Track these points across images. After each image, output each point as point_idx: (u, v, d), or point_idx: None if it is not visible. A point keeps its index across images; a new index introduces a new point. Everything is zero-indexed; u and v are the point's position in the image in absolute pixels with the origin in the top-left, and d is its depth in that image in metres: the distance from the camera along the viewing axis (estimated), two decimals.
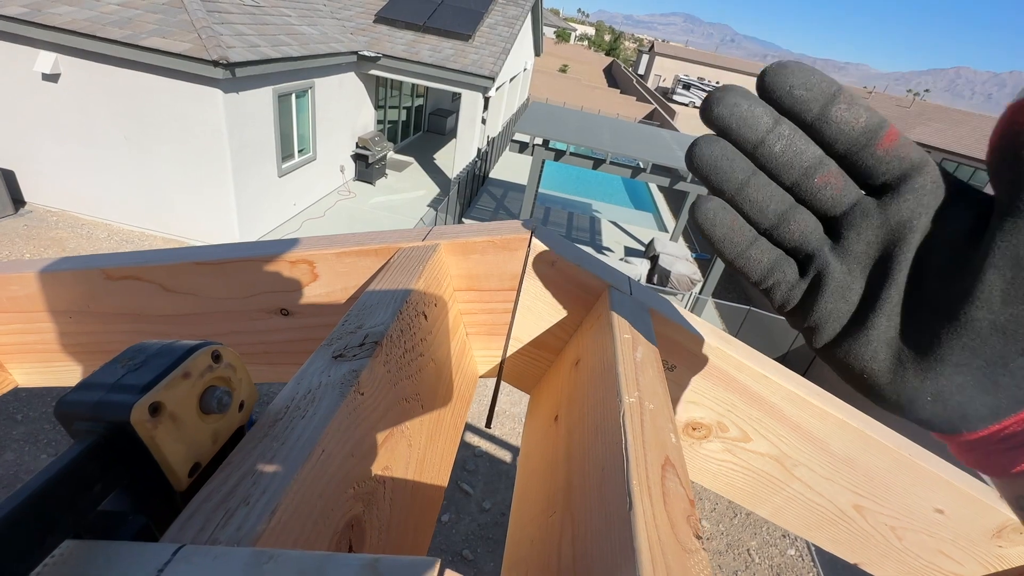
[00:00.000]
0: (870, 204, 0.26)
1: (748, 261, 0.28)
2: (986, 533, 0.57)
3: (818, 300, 0.27)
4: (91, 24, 5.74)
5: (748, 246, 0.28)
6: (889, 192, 0.25)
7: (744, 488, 0.59)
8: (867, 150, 0.25)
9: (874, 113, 0.25)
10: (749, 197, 0.27)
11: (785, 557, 4.69)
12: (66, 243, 6.62)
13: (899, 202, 0.25)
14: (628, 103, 31.33)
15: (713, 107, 0.26)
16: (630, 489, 0.28)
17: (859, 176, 0.26)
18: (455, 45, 9.63)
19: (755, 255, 0.28)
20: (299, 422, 0.28)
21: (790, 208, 0.27)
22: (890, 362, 0.25)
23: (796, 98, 0.25)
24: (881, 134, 0.25)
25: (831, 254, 0.27)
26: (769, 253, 0.28)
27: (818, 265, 0.27)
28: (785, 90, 0.25)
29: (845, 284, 0.26)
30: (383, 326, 0.37)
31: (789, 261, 0.28)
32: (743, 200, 0.27)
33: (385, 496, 0.34)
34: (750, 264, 0.28)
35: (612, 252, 10.36)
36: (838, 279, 0.26)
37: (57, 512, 0.20)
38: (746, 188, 0.27)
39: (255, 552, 0.19)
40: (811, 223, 0.27)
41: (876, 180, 0.26)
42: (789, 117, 0.26)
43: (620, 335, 0.42)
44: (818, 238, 0.27)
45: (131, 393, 0.22)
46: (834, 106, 0.25)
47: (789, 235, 0.27)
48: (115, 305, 0.57)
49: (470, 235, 0.51)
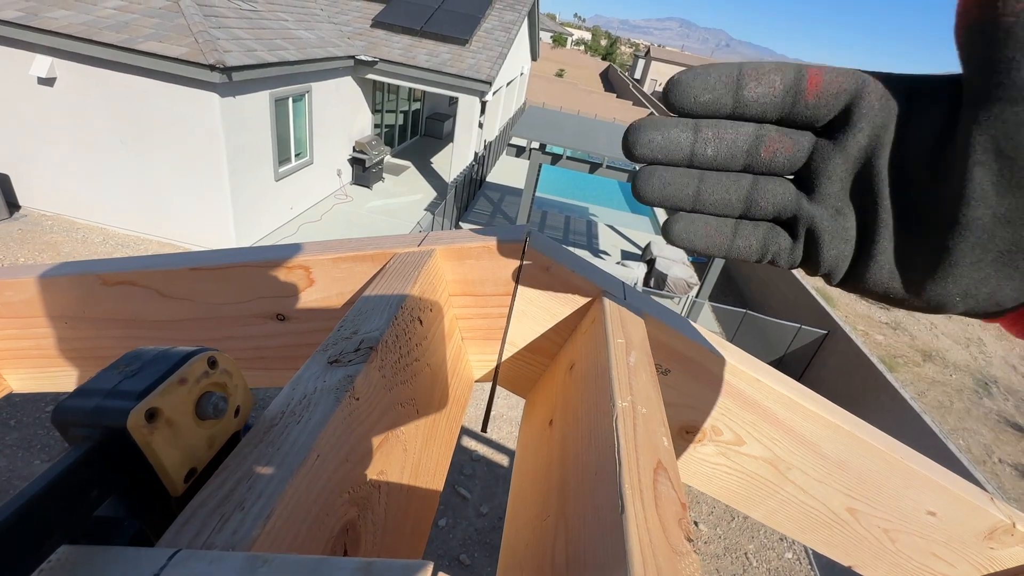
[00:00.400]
0: (826, 145, 0.25)
1: (739, 251, 0.28)
2: (978, 535, 0.58)
3: (820, 251, 0.27)
4: (87, 28, 5.74)
5: (732, 240, 0.28)
6: (839, 127, 0.25)
7: (738, 491, 0.60)
8: (798, 106, 0.25)
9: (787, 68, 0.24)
10: (708, 201, 0.27)
11: (783, 560, 4.69)
12: (61, 247, 6.59)
13: (852, 133, 0.24)
14: (624, 107, 31.50)
15: (633, 150, 0.26)
16: (622, 493, 0.28)
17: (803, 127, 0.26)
18: (452, 50, 9.66)
19: (743, 244, 0.28)
20: (294, 427, 0.28)
21: (751, 187, 0.27)
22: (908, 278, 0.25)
23: (704, 104, 0.25)
24: (803, 85, 0.24)
25: (811, 207, 0.26)
26: (755, 234, 0.28)
27: (805, 222, 0.27)
28: (691, 102, 0.25)
29: (838, 226, 0.26)
30: (378, 331, 0.37)
31: (777, 230, 0.28)
32: (704, 206, 0.27)
33: (380, 500, 0.35)
34: (742, 253, 0.28)
35: (609, 255, 10.38)
36: (829, 226, 0.26)
37: (54, 517, 0.20)
38: (701, 196, 0.27)
39: (250, 556, 0.20)
40: (779, 189, 0.27)
41: (821, 123, 0.25)
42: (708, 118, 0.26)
43: (614, 340, 0.42)
44: (793, 198, 0.27)
45: (128, 399, 0.22)
46: (744, 89, 0.24)
47: (763, 211, 0.27)
48: (110, 310, 0.57)
49: (465, 241, 0.51)
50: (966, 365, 10.05)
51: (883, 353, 9.57)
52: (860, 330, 10.09)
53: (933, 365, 9.82)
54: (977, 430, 8.16)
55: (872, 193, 0.25)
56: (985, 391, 9.30)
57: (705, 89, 0.24)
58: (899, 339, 10.48)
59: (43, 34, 5.73)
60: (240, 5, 7.26)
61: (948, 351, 10.42)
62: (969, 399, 8.97)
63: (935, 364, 9.86)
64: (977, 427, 8.24)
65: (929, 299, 0.25)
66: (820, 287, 9.40)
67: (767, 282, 9.96)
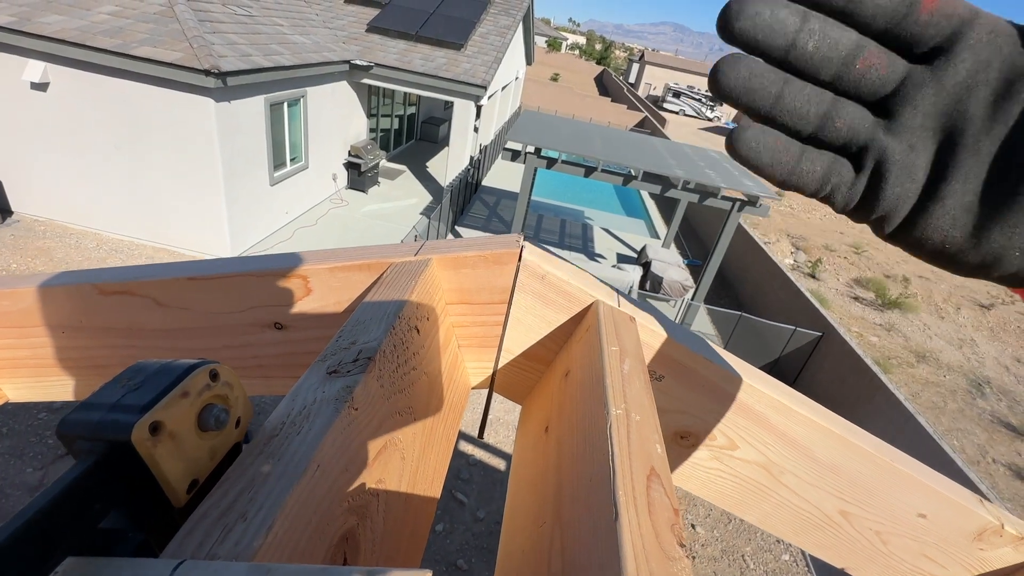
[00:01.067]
0: (922, 73, 0.24)
1: (801, 176, 0.26)
2: (968, 537, 0.59)
3: (883, 187, 0.25)
4: (81, 33, 5.73)
5: (797, 162, 0.26)
6: (941, 56, 0.23)
7: (732, 495, 0.60)
8: (910, 18, 0.23)
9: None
10: (786, 108, 0.25)
11: (779, 563, 4.70)
12: (54, 253, 6.55)
13: (955, 63, 0.23)
14: (619, 111, 31.66)
15: (733, 21, 0.23)
16: (616, 499, 0.29)
17: (904, 47, 0.24)
18: (447, 54, 9.70)
19: (807, 168, 0.26)
20: (295, 438, 0.29)
21: (831, 105, 0.25)
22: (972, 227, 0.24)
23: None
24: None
25: (887, 137, 0.25)
26: (820, 160, 0.26)
27: (875, 153, 0.25)
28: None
29: (909, 162, 0.25)
30: (376, 342, 0.38)
31: (842, 161, 0.26)
32: (780, 113, 0.25)
33: (379, 509, 0.35)
34: (804, 179, 0.26)
35: (605, 259, 10.41)
36: (900, 160, 0.25)
37: (59, 530, 0.21)
38: (781, 100, 0.25)
39: (253, 567, 0.20)
40: (857, 113, 0.25)
41: (924, 47, 0.24)
42: (816, 8, 0.23)
43: (608, 347, 0.43)
44: (868, 126, 0.25)
45: (132, 413, 0.23)
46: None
47: (836, 133, 0.25)
48: (108, 320, 0.57)
49: (461, 250, 0.52)
50: (959, 366, 10.13)
51: (877, 355, 9.64)
52: (854, 332, 10.16)
53: (927, 366, 9.89)
54: (971, 430, 8.22)
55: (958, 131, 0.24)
56: (978, 392, 9.37)
57: None
58: (893, 340, 10.56)
59: (36, 39, 5.71)
60: (235, 10, 7.26)
61: (941, 352, 10.51)
62: (963, 400, 9.04)
63: (929, 365, 9.93)
64: (971, 427, 8.30)
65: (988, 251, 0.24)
66: (814, 289, 9.46)
67: (761, 285, 10.02)
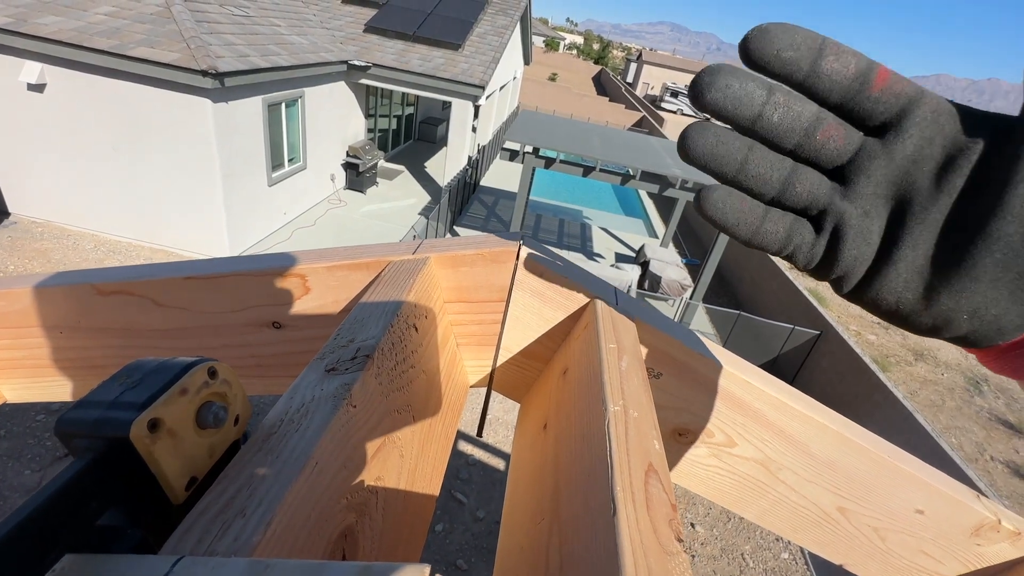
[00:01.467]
0: (874, 145, 0.26)
1: (765, 236, 0.28)
2: (965, 532, 0.59)
3: (841, 250, 0.27)
4: (78, 34, 5.71)
5: (761, 223, 0.27)
6: (891, 130, 0.25)
7: (731, 492, 0.60)
8: (862, 94, 0.25)
9: (861, 56, 0.25)
10: (751, 173, 0.27)
11: (779, 561, 4.71)
12: (51, 254, 6.53)
13: (903, 138, 0.25)
14: (617, 111, 31.67)
15: (705, 92, 0.25)
16: (614, 495, 0.29)
17: (857, 120, 0.26)
18: (445, 54, 9.69)
19: (770, 228, 0.28)
20: (293, 435, 0.29)
21: (792, 171, 0.27)
22: (923, 290, 0.25)
23: (785, 60, 0.25)
24: (872, 76, 0.25)
25: (844, 202, 0.26)
26: (783, 222, 0.28)
27: (833, 217, 0.27)
28: (772, 54, 0.24)
29: (864, 227, 0.26)
30: (374, 339, 0.38)
31: (803, 222, 0.28)
32: (745, 178, 0.27)
33: (377, 506, 0.35)
34: (767, 239, 0.28)
35: (603, 258, 10.42)
36: (856, 224, 0.26)
37: (58, 527, 0.21)
38: (746, 166, 0.26)
39: (252, 562, 0.20)
40: (815, 179, 0.27)
41: (875, 121, 0.26)
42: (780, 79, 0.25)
43: (606, 345, 0.43)
44: (827, 192, 0.27)
45: (130, 410, 0.23)
46: (823, 60, 0.25)
47: (797, 198, 0.27)
48: (106, 320, 0.57)
49: (460, 248, 0.52)
50: (957, 364, 10.16)
51: (875, 353, 9.65)
52: (852, 330, 10.18)
53: (925, 364, 9.91)
54: (969, 428, 8.24)
55: (907, 200, 0.25)
56: (976, 389, 9.39)
57: (791, 46, 0.24)
58: (891, 339, 10.58)
59: (33, 40, 5.69)
60: (232, 11, 7.25)
61: (939, 350, 10.53)
62: (961, 397, 9.06)
63: (927, 363, 9.95)
64: (969, 425, 8.32)
65: (939, 313, 0.25)
66: (812, 287, 9.47)
67: (760, 284, 10.03)
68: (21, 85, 6.08)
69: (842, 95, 0.25)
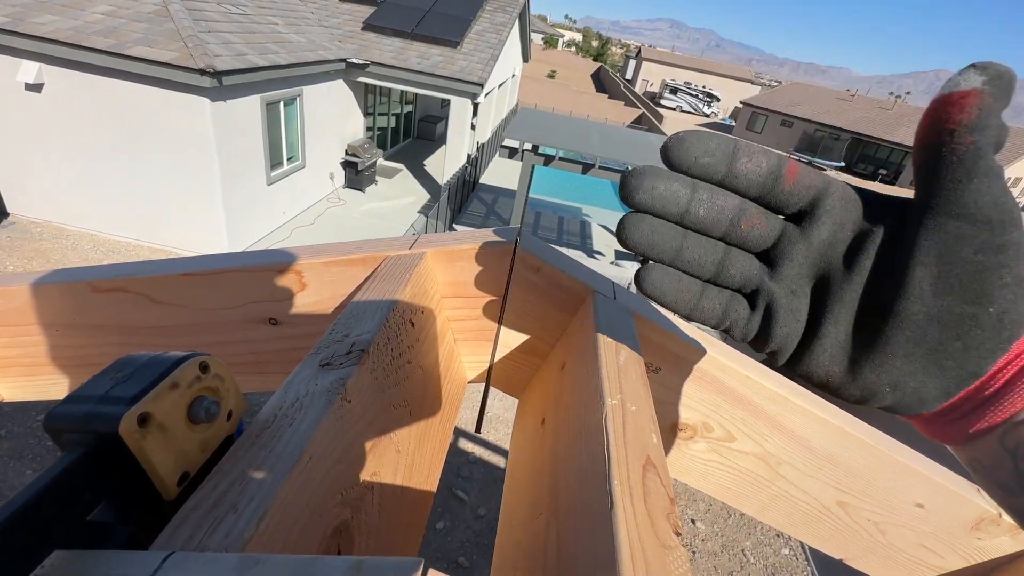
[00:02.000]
0: (793, 231, 0.28)
1: (702, 312, 0.30)
2: (965, 526, 0.59)
3: (773, 326, 0.29)
4: (75, 34, 5.69)
5: (698, 299, 0.30)
6: (807, 217, 0.28)
7: (730, 487, 0.60)
8: (776, 189, 0.28)
9: (771, 155, 0.27)
10: (686, 259, 0.29)
11: (779, 556, 4.72)
12: (50, 254, 6.52)
13: (816, 225, 0.28)
14: (616, 108, 31.60)
15: (633, 194, 0.28)
16: (611, 489, 0.28)
17: (776, 210, 0.29)
18: (444, 52, 9.66)
19: (707, 305, 0.30)
20: (286, 430, 0.28)
21: (725, 255, 0.29)
22: (848, 364, 0.27)
23: (703, 165, 0.27)
24: (782, 172, 0.27)
25: (772, 283, 0.29)
26: (719, 299, 0.30)
27: (765, 296, 0.29)
28: (691, 160, 0.27)
29: (793, 306, 0.29)
30: (369, 334, 0.38)
31: (739, 299, 0.30)
32: (681, 262, 0.29)
33: (373, 501, 0.35)
34: (705, 314, 0.30)
35: (603, 255, 10.41)
36: (784, 303, 0.29)
37: (47, 523, 0.21)
38: (681, 252, 0.29)
39: (243, 557, 0.20)
40: (747, 262, 0.29)
41: (792, 210, 0.28)
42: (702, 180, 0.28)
43: (604, 339, 0.43)
44: (756, 272, 0.29)
45: (119, 404, 0.23)
46: (737, 162, 0.27)
47: (731, 279, 0.30)
48: (102, 317, 0.57)
49: (456, 243, 0.51)
50: None
51: None
52: None
53: None
54: None
55: (826, 280, 0.28)
56: None
57: (706, 152, 0.27)
58: None
59: (30, 39, 5.67)
60: (230, 9, 7.23)
61: None
62: None
63: None
64: None
65: (863, 386, 0.27)
66: None
67: None
68: (19, 85, 6.06)
69: (759, 190, 0.28)
